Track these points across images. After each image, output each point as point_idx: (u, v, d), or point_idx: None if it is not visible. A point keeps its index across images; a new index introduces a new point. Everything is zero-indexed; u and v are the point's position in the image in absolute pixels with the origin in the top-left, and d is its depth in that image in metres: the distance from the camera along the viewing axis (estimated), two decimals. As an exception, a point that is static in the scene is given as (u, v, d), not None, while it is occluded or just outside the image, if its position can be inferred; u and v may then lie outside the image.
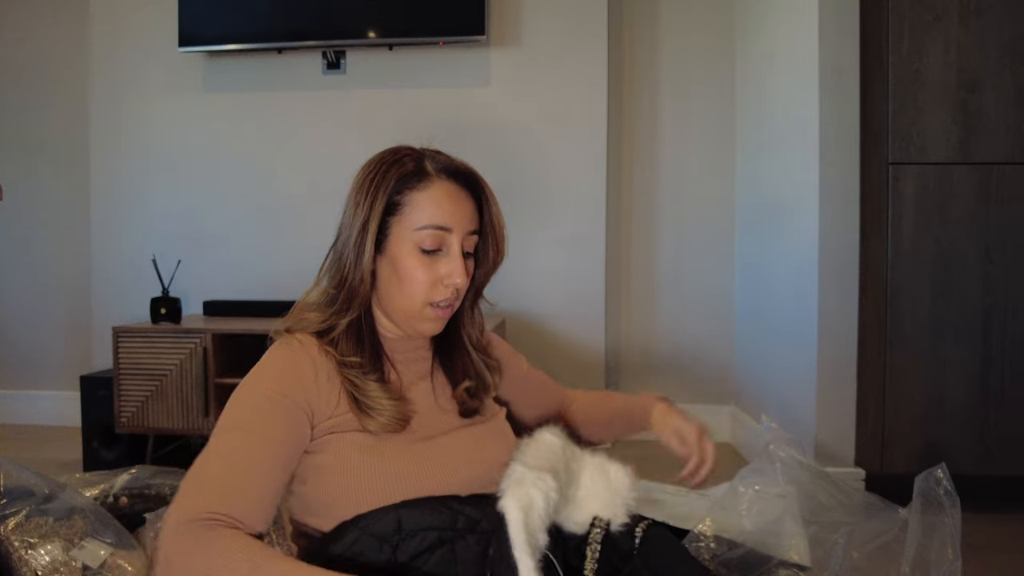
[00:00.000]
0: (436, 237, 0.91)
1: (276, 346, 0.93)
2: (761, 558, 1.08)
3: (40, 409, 2.97)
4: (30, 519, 1.28)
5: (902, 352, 1.95)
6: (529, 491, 0.80)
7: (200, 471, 0.81)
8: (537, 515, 0.79)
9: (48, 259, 2.99)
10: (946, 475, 1.05)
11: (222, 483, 0.79)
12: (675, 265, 2.83)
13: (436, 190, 0.92)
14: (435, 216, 0.91)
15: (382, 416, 0.88)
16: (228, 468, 0.80)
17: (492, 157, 2.70)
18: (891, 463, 1.95)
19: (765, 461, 1.21)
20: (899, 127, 1.94)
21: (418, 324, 0.95)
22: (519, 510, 0.78)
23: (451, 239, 0.92)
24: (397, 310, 0.94)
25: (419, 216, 0.91)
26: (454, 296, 0.94)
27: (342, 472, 0.86)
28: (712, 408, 2.80)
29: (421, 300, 0.92)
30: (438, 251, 0.92)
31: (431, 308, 0.93)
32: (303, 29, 2.65)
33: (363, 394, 0.89)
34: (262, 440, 0.83)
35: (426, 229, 0.91)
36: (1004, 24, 1.90)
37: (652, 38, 2.80)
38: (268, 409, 0.85)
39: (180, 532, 0.75)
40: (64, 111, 2.94)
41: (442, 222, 0.91)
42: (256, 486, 0.81)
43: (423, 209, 0.91)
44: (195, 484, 0.80)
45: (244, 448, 0.82)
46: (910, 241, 1.94)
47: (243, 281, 2.79)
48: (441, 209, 0.91)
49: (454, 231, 0.92)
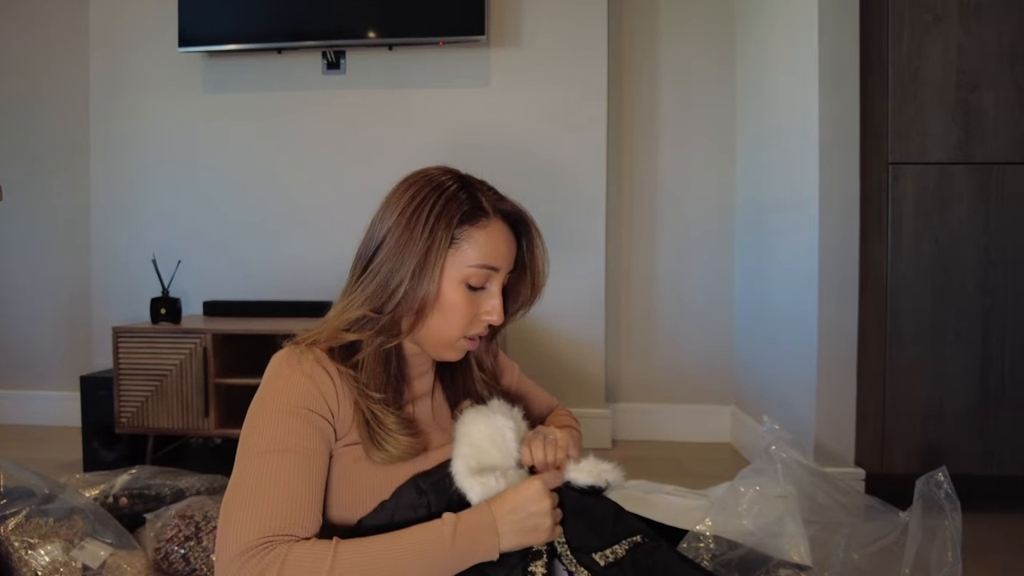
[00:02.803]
0: (485, 276, 0.93)
1: (290, 359, 0.89)
2: (761, 558, 1.08)
3: (40, 409, 2.97)
4: (30, 519, 1.28)
5: (902, 352, 1.95)
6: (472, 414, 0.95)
7: (242, 499, 0.80)
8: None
9: (48, 259, 2.99)
10: (947, 478, 1.05)
11: (268, 506, 0.79)
12: (675, 265, 2.83)
13: (494, 231, 0.93)
14: (489, 256, 0.92)
15: (395, 450, 0.88)
16: (270, 490, 0.80)
17: (492, 157, 2.71)
18: (891, 463, 1.95)
19: (766, 462, 1.21)
20: (899, 127, 1.94)
21: (446, 352, 0.96)
22: (465, 433, 0.92)
23: (496, 278, 0.94)
24: (431, 337, 0.94)
25: (474, 254, 0.91)
26: (487, 331, 0.97)
27: (339, 482, 0.88)
28: (712, 408, 2.81)
29: (459, 333, 0.93)
30: (482, 288, 0.93)
31: (465, 340, 0.95)
32: (303, 29, 2.65)
33: (381, 426, 0.89)
34: (298, 455, 0.83)
35: (479, 268, 0.92)
36: (1004, 24, 1.90)
37: (652, 39, 2.80)
38: (296, 424, 0.84)
39: (239, 565, 0.75)
40: (64, 111, 2.94)
41: (494, 263, 0.93)
42: (303, 501, 0.81)
43: (479, 248, 0.92)
44: (241, 513, 0.79)
45: (282, 468, 0.81)
46: (910, 241, 1.94)
47: (243, 281, 2.79)
48: (496, 249, 0.93)
49: (500, 271, 0.94)
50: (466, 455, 0.89)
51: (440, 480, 0.90)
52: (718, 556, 1.08)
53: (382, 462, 0.88)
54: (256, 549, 0.76)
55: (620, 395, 2.84)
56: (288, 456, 0.82)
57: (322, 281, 2.62)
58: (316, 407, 0.86)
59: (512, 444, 0.92)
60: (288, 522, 0.78)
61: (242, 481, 0.81)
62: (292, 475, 0.81)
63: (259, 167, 2.80)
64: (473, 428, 0.92)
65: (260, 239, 2.80)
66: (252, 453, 0.83)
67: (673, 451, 2.64)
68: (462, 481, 0.88)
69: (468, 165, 1.01)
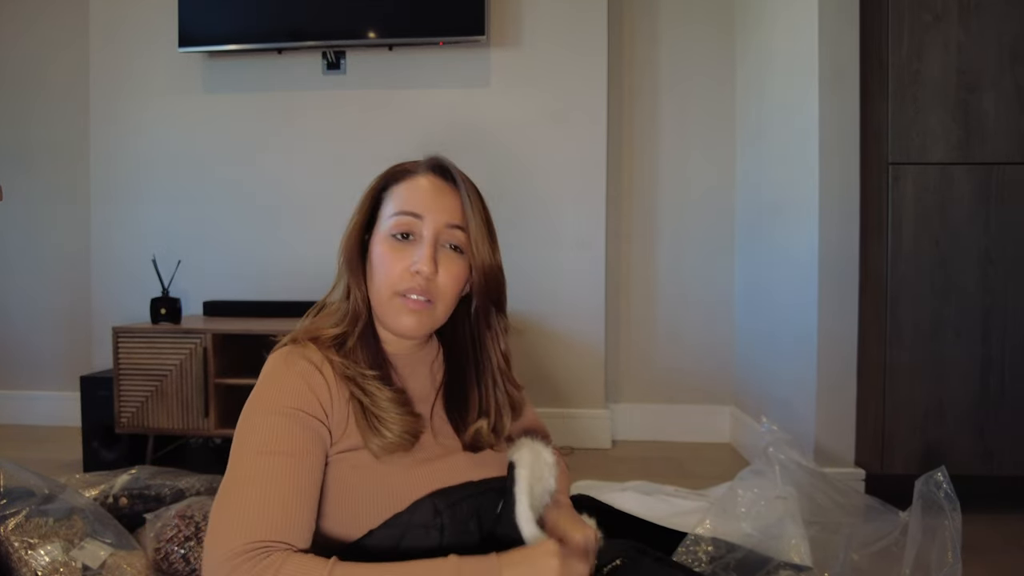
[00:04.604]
0: (405, 223, 0.90)
1: (284, 360, 0.88)
2: (761, 559, 1.08)
3: (40, 409, 2.97)
4: (30, 519, 1.28)
5: (902, 353, 1.95)
6: (536, 449, 0.95)
7: (234, 501, 0.78)
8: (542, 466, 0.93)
9: (48, 259, 2.99)
10: (946, 478, 1.05)
11: (263, 509, 0.77)
12: (675, 265, 2.83)
13: (415, 180, 0.93)
14: (407, 202, 0.91)
15: (391, 431, 0.85)
16: (264, 493, 0.78)
17: (492, 157, 2.71)
18: (891, 463, 1.95)
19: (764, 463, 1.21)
20: (899, 127, 1.94)
21: (395, 319, 0.90)
22: (527, 466, 0.91)
23: (421, 226, 0.90)
24: (377, 307, 0.92)
25: (394, 205, 0.91)
26: (425, 286, 0.89)
27: (337, 492, 0.85)
28: (712, 408, 2.81)
29: (390, 289, 0.89)
30: (410, 239, 0.90)
31: (400, 299, 0.89)
32: (303, 29, 2.65)
33: (376, 406, 0.86)
34: (291, 458, 0.81)
35: (397, 216, 0.90)
36: (1004, 24, 1.90)
37: (652, 38, 2.80)
38: (289, 426, 0.82)
39: (230, 568, 0.73)
40: (64, 111, 2.94)
41: (412, 208, 0.90)
42: (296, 505, 0.79)
43: (400, 198, 0.92)
44: (233, 514, 0.77)
45: (276, 471, 0.79)
46: (910, 241, 1.94)
47: (243, 281, 2.79)
48: (414, 196, 0.91)
49: (425, 218, 0.90)
50: (525, 498, 0.89)
51: (457, 504, 0.87)
52: (717, 559, 1.08)
53: (382, 451, 0.84)
54: (249, 554, 0.74)
55: (620, 395, 2.84)
56: (282, 459, 0.80)
57: (322, 281, 2.59)
58: (310, 408, 0.84)
59: (547, 497, 0.93)
60: (281, 527, 0.76)
61: (235, 482, 0.80)
62: (286, 479, 0.79)
63: (259, 167, 2.80)
64: (532, 471, 0.91)
65: (260, 239, 2.80)
66: (246, 454, 0.81)
67: (673, 451, 2.64)
68: (524, 524, 0.86)
69: (468, 165, 0.99)
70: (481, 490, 0.90)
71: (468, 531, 0.87)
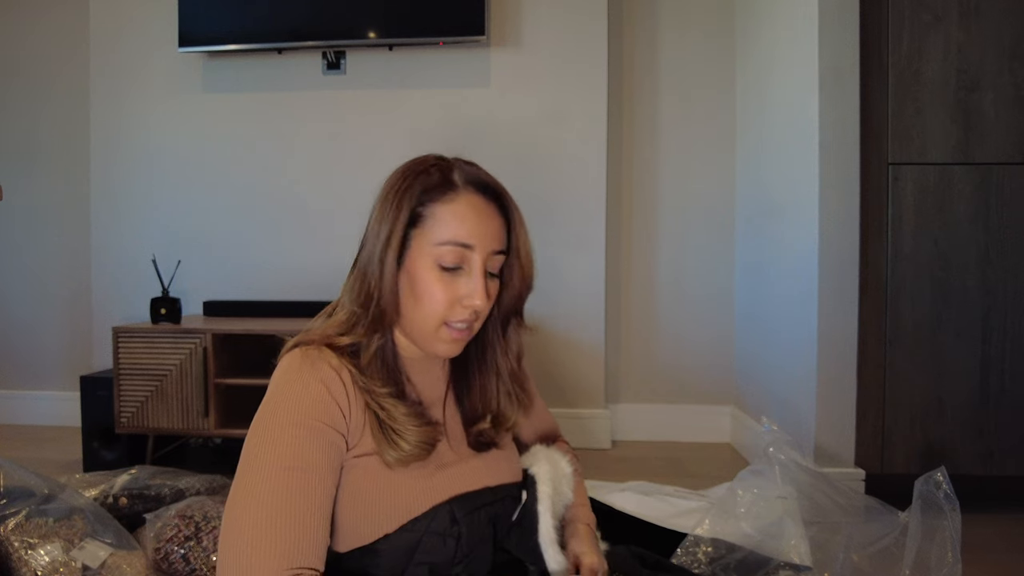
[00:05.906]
0: (457, 254, 0.85)
1: (301, 363, 0.84)
2: (761, 560, 1.08)
3: (40, 409, 2.97)
4: (30, 519, 1.28)
5: (902, 352, 1.95)
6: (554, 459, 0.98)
7: (260, 521, 0.75)
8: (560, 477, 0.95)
9: (48, 259, 2.99)
10: (946, 478, 1.05)
11: (295, 533, 0.74)
12: (675, 265, 2.83)
13: (461, 204, 0.86)
14: (458, 232, 0.85)
15: (408, 443, 0.83)
16: (293, 514, 0.75)
17: (492, 158, 2.70)
18: (891, 463, 1.95)
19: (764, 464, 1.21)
20: (899, 127, 1.94)
21: (433, 345, 0.89)
22: (547, 482, 0.93)
23: (472, 257, 0.86)
24: (413, 329, 0.89)
25: (441, 231, 0.85)
26: (472, 318, 0.88)
27: (351, 496, 0.83)
28: (712, 408, 2.81)
29: (437, 320, 0.86)
30: (459, 269, 0.86)
31: (447, 329, 0.87)
32: (303, 29, 2.65)
33: (392, 419, 0.84)
34: (315, 475, 0.78)
35: (447, 245, 0.85)
36: (1004, 24, 1.90)
37: (652, 38, 2.80)
38: (312, 440, 0.80)
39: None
40: (64, 111, 2.94)
41: (464, 239, 0.85)
42: (320, 527, 0.77)
43: (446, 223, 0.85)
44: (261, 538, 0.74)
45: (301, 488, 0.77)
46: (910, 241, 1.94)
47: (243, 281, 2.79)
48: (464, 225, 0.85)
49: (476, 249, 0.86)
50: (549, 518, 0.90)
51: (475, 511, 0.86)
52: (717, 559, 1.08)
53: (397, 463, 0.83)
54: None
55: (620, 395, 2.84)
56: (306, 476, 0.78)
57: (322, 281, 2.62)
58: (332, 420, 0.82)
59: (564, 509, 0.94)
60: (310, 552, 0.75)
61: (256, 497, 0.76)
62: (311, 498, 0.77)
63: (259, 167, 2.80)
64: (554, 487, 0.93)
65: (260, 239, 2.80)
66: (267, 466, 0.78)
67: (673, 451, 2.64)
68: (548, 547, 0.89)
69: (468, 166, 1.00)
70: (499, 497, 0.90)
71: (483, 539, 0.87)
